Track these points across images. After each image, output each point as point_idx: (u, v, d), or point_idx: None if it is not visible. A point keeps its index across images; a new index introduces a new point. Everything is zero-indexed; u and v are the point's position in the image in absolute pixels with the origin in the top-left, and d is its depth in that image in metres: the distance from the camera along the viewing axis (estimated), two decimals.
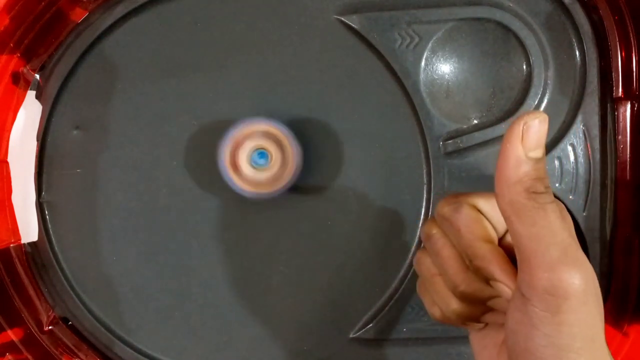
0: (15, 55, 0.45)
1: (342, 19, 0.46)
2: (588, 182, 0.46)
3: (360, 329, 0.48)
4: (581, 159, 0.46)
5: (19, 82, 0.47)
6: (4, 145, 0.47)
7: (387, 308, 0.48)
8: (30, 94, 0.47)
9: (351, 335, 0.48)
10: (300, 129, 0.47)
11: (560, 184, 0.46)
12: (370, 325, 0.48)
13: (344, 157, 0.47)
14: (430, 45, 0.46)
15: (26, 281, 0.48)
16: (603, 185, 0.46)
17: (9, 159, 0.47)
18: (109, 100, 0.48)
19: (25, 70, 0.46)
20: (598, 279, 0.46)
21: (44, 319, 0.48)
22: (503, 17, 0.45)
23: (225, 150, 0.45)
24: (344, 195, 0.48)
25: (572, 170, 0.46)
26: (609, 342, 0.46)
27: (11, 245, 0.47)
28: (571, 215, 0.46)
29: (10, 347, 0.45)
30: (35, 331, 0.47)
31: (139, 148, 0.48)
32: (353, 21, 0.46)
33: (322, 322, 0.48)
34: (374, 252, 0.48)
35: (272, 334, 0.49)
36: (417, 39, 0.46)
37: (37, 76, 0.47)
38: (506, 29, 0.45)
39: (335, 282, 0.48)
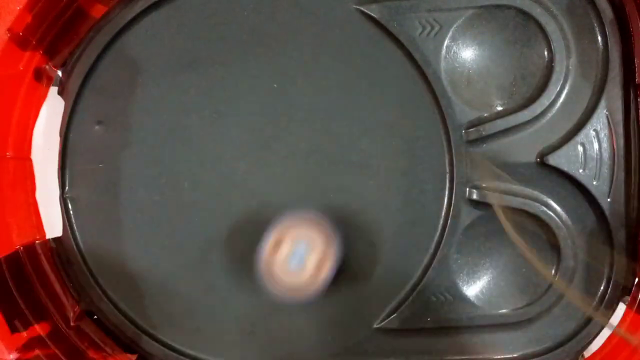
0: (38, 52, 0.45)
1: (362, 8, 0.46)
2: (612, 168, 0.46)
3: (384, 319, 0.48)
4: (605, 145, 0.46)
5: (42, 78, 0.47)
6: (28, 142, 0.48)
7: (410, 298, 0.48)
8: (53, 91, 0.48)
9: (375, 326, 0.48)
10: (321, 119, 0.47)
11: (584, 170, 0.46)
12: (394, 315, 0.48)
13: (365, 147, 0.47)
14: (450, 33, 0.46)
15: (52, 276, 0.48)
16: (627, 171, 0.46)
17: (32, 155, 0.48)
18: (130, 95, 0.48)
19: (47, 67, 0.47)
20: (623, 266, 0.46)
21: (70, 313, 0.48)
22: (523, 3, 0.45)
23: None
24: (365, 185, 0.48)
25: (595, 155, 0.46)
26: (633, 331, 0.45)
27: (36, 241, 0.48)
28: (595, 202, 0.46)
29: (39, 341, 0.45)
30: (62, 326, 0.47)
31: (161, 142, 0.48)
32: (373, 10, 0.46)
33: (346, 312, 0.48)
34: (397, 242, 0.48)
35: (296, 325, 0.49)
36: (437, 27, 0.45)
37: (59, 72, 0.47)
38: (527, 15, 0.45)
39: (359, 272, 0.48)
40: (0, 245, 0.45)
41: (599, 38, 0.45)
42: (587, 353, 0.48)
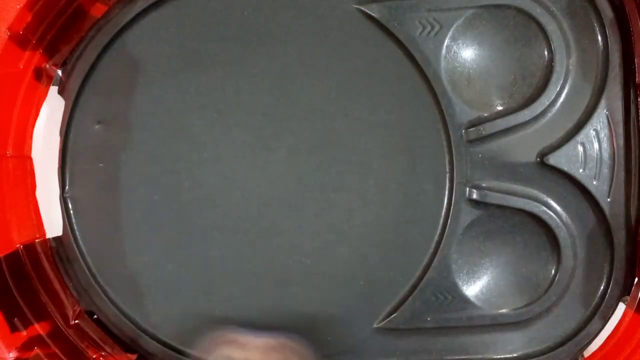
0: (38, 51, 0.45)
1: (362, 8, 0.46)
2: (612, 168, 0.46)
3: (384, 319, 0.48)
4: (605, 144, 0.46)
5: (42, 78, 0.47)
6: (28, 141, 0.48)
7: (410, 298, 0.48)
8: (53, 90, 0.48)
9: (375, 325, 0.48)
10: (321, 118, 0.47)
11: (584, 170, 0.46)
12: (394, 315, 0.48)
13: (365, 146, 0.47)
14: (451, 32, 0.46)
15: (52, 275, 0.48)
16: (627, 171, 0.46)
17: (32, 155, 0.48)
18: (130, 95, 0.48)
19: (47, 66, 0.47)
20: (623, 266, 0.47)
21: (70, 313, 0.48)
22: (523, 3, 0.45)
23: None
24: (365, 185, 0.48)
25: (595, 155, 0.46)
26: (633, 330, 0.45)
27: (36, 240, 0.48)
28: (595, 201, 0.46)
29: (38, 340, 0.45)
30: (62, 325, 0.47)
31: (161, 142, 0.48)
32: (373, 10, 0.46)
33: (346, 312, 0.48)
34: (397, 242, 0.48)
35: (296, 325, 0.49)
36: (437, 27, 0.45)
37: (59, 72, 0.47)
38: (527, 15, 0.45)
39: (358, 272, 0.48)
40: (0, 244, 0.45)
41: (599, 38, 0.46)
42: (587, 353, 0.48)
